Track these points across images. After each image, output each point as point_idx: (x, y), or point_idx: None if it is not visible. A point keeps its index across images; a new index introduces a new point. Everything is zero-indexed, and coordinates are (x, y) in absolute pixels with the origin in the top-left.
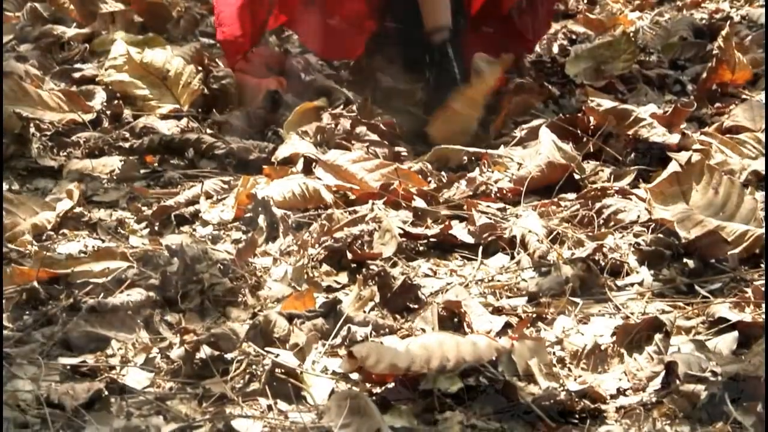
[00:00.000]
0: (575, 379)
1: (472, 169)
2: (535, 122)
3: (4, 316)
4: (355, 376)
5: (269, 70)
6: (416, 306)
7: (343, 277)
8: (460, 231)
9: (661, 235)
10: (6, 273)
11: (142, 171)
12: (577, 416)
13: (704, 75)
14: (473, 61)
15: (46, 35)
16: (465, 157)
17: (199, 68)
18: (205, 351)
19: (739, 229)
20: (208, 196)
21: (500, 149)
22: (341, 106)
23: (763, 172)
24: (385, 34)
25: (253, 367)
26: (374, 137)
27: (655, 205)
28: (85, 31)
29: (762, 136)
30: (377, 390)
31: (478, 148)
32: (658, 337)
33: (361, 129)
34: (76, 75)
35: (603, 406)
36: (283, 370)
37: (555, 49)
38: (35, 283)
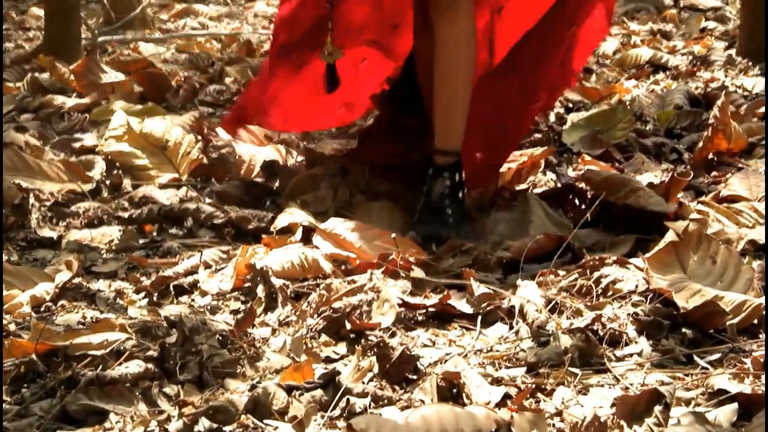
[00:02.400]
0: None
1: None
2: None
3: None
4: None
5: (268, 138)
6: (415, 377)
7: (341, 348)
8: (458, 301)
9: (659, 305)
10: (5, 346)
11: (141, 241)
12: None
13: (700, 144)
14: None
15: (47, 105)
16: None
17: (199, 137)
18: (203, 424)
19: (737, 299)
20: (207, 266)
21: (492, 216)
22: (340, 176)
23: (761, 241)
24: (389, 128)
25: None
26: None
27: (653, 275)
28: (85, 101)
29: (759, 206)
30: None
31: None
32: (657, 408)
33: (359, 197)
34: (76, 145)
35: None
36: None
37: (552, 117)
38: (34, 356)
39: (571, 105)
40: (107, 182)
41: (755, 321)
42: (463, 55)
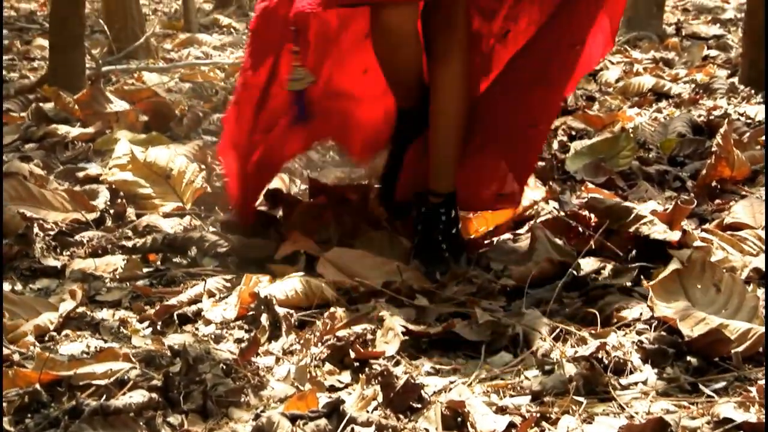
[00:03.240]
0: None
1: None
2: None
3: (5, 419)
4: None
5: None
6: (419, 405)
7: (345, 376)
8: (463, 329)
9: (663, 333)
10: (8, 375)
11: (144, 270)
12: None
13: (704, 172)
14: None
15: (51, 135)
16: None
17: (202, 166)
18: None
19: (741, 327)
20: (211, 295)
21: (495, 244)
22: (343, 204)
23: (764, 269)
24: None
25: None
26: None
27: (657, 303)
28: (89, 131)
29: (762, 233)
30: None
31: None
32: None
33: (362, 226)
34: (80, 174)
35: None
36: None
37: (555, 145)
38: (38, 386)
39: (574, 133)
40: (111, 211)
41: (760, 349)
42: (458, 98)
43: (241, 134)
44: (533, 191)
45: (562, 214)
